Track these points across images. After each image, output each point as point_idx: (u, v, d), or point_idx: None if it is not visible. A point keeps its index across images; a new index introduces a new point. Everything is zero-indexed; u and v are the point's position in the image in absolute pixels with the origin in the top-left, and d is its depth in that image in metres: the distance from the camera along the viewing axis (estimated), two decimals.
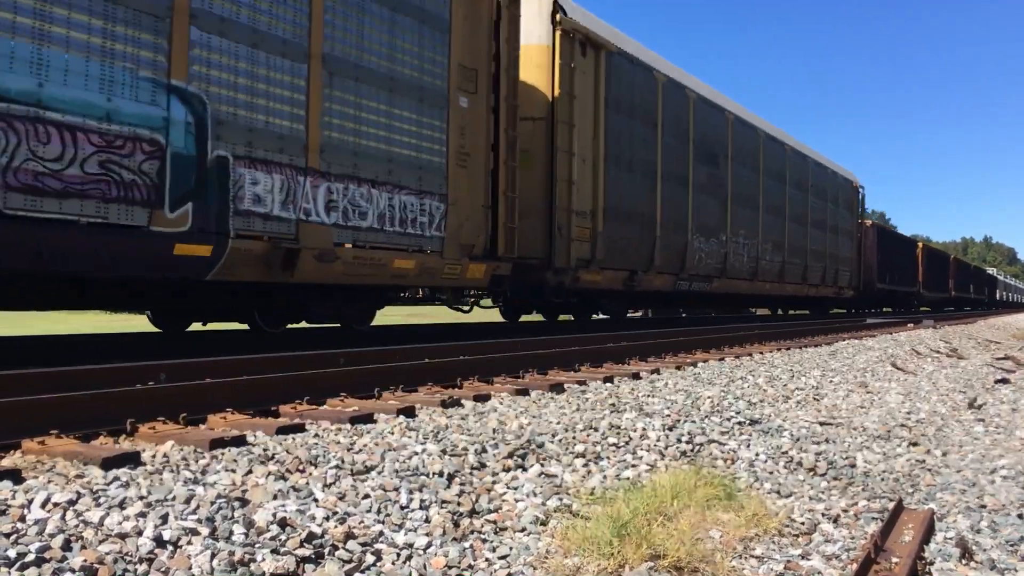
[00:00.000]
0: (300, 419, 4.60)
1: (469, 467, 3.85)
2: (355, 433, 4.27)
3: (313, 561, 2.75)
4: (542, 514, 3.47)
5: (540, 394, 6.08)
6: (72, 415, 3.99)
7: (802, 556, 3.31)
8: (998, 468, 5.13)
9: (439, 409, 5.17)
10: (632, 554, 3.02)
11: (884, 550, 3.26)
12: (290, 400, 5.05)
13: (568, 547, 3.13)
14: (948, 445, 6.15)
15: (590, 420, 5.05)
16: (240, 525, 2.86)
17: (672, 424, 5.31)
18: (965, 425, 7.11)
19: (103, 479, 3.15)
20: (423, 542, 3.04)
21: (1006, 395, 9.07)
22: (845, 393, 8.15)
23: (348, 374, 5.73)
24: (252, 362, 5.99)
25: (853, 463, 5.05)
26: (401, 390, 5.79)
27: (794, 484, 4.47)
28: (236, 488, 3.21)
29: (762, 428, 5.72)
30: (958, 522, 3.92)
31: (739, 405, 6.44)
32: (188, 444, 3.80)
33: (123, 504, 2.89)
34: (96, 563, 2.47)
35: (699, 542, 3.25)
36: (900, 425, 6.70)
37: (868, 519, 3.86)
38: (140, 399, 4.38)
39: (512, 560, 3.03)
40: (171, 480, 3.22)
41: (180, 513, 2.86)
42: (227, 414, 4.61)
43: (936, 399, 8.51)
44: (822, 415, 6.77)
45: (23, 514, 2.75)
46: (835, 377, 9.19)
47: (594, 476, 4.10)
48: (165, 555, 2.61)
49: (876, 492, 4.50)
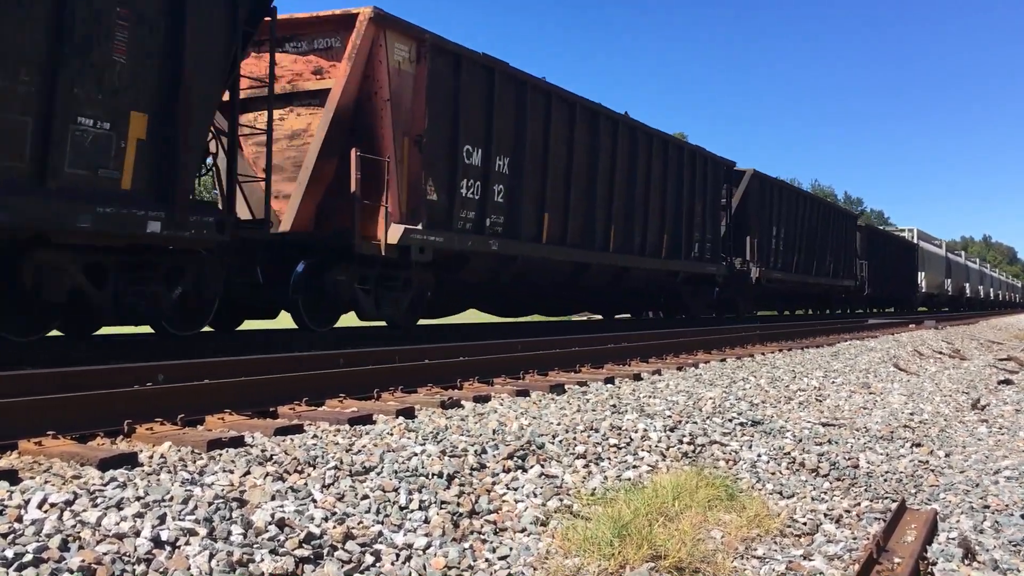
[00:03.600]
0: (298, 420, 4.58)
1: (469, 468, 3.83)
2: (354, 434, 4.24)
3: (312, 562, 2.73)
4: (542, 515, 3.46)
5: (540, 395, 6.06)
6: (69, 416, 3.96)
7: (804, 556, 3.29)
8: (1001, 469, 5.12)
9: (439, 410, 5.15)
10: (633, 554, 3.00)
11: (886, 550, 3.24)
12: (288, 401, 5.02)
13: (568, 548, 3.11)
14: (951, 446, 6.13)
15: (591, 421, 5.03)
16: (238, 526, 2.84)
17: (673, 425, 5.29)
18: (968, 426, 7.10)
19: (100, 480, 3.13)
20: (423, 543, 3.02)
21: (1009, 396, 9.06)
22: (848, 394, 8.12)
23: (347, 375, 5.70)
24: (250, 363, 5.97)
25: (856, 464, 5.03)
26: (400, 391, 5.76)
27: (796, 485, 4.45)
28: (234, 489, 3.19)
29: (764, 429, 5.70)
30: (961, 522, 3.90)
31: (741, 406, 6.42)
32: (186, 445, 3.78)
33: (120, 505, 2.87)
34: (94, 563, 2.46)
35: (700, 542, 3.23)
36: (903, 426, 6.68)
37: (871, 519, 3.85)
38: (138, 400, 4.36)
39: (512, 561, 3.01)
40: (168, 481, 3.20)
41: (178, 514, 2.84)
42: (225, 415, 4.59)
43: (939, 400, 8.49)
44: (824, 416, 6.75)
45: (20, 514, 2.73)
46: (837, 378, 9.17)
47: (595, 477, 4.08)
48: (163, 555, 2.60)
49: (879, 493, 4.48)
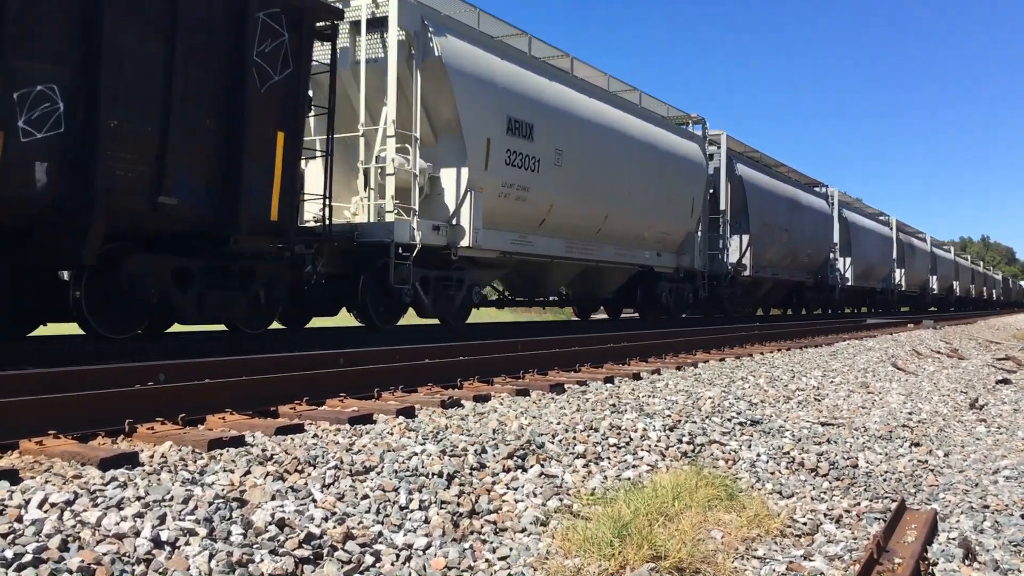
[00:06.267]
0: (299, 419, 4.58)
1: (469, 468, 3.83)
2: (354, 433, 4.24)
3: (312, 562, 2.74)
4: (542, 515, 3.46)
5: (540, 394, 6.06)
6: (70, 415, 3.96)
7: (804, 557, 3.29)
8: (1001, 468, 5.12)
9: (439, 409, 5.15)
10: (633, 555, 3.01)
11: (887, 550, 3.25)
12: (289, 400, 5.02)
13: (568, 548, 3.11)
14: (950, 445, 6.14)
15: (591, 420, 5.03)
16: (238, 526, 2.84)
17: (673, 424, 5.29)
18: (967, 425, 7.10)
19: (101, 480, 3.13)
20: (423, 543, 3.02)
21: (1007, 395, 9.07)
22: (846, 393, 8.13)
23: (347, 374, 5.70)
24: (251, 362, 5.97)
25: (855, 463, 5.03)
26: (400, 390, 5.76)
27: (796, 485, 4.45)
28: (234, 489, 3.19)
29: (763, 428, 5.70)
30: (961, 522, 3.91)
31: (740, 405, 6.42)
32: (186, 444, 3.78)
33: (121, 504, 2.87)
34: (94, 563, 2.46)
35: (700, 543, 3.23)
36: (902, 425, 6.68)
37: (871, 519, 3.85)
38: (138, 399, 4.36)
39: (512, 561, 3.01)
40: (169, 480, 3.20)
41: (178, 514, 2.84)
42: (226, 415, 4.59)
43: (938, 399, 8.49)
44: (823, 415, 6.75)
45: (20, 514, 2.73)
46: (836, 377, 9.18)
47: (595, 477, 4.08)
48: (163, 556, 2.60)
49: (878, 492, 4.49)
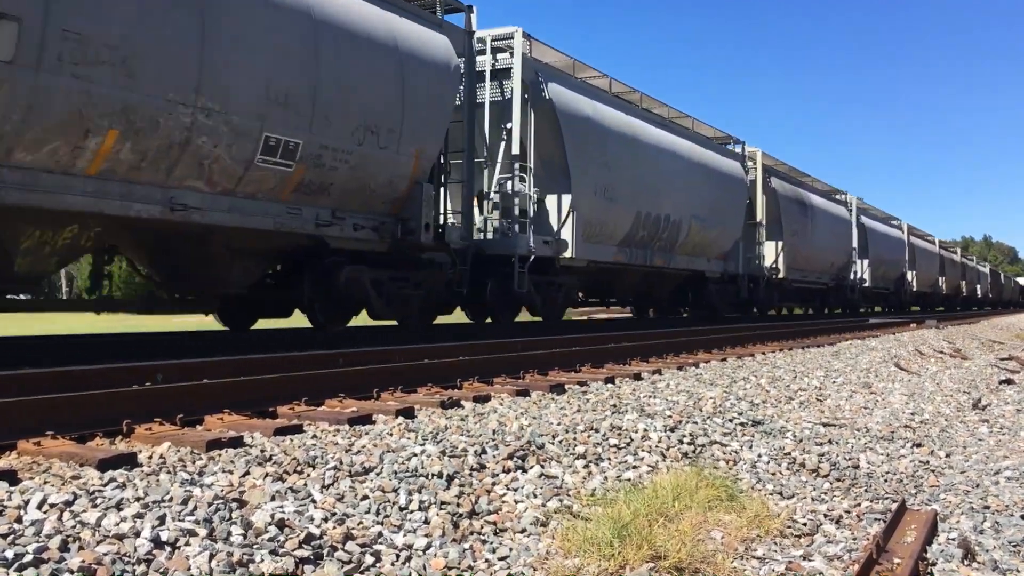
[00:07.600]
0: (298, 420, 4.58)
1: (469, 468, 3.82)
2: (353, 434, 4.24)
3: (312, 562, 2.73)
4: (542, 515, 3.45)
5: (540, 395, 6.05)
6: (68, 416, 3.96)
7: (804, 557, 3.28)
8: (1002, 469, 5.11)
9: (438, 410, 5.14)
10: (633, 555, 3.00)
11: (886, 551, 3.24)
12: (288, 401, 5.02)
13: (568, 548, 3.11)
14: (952, 446, 6.13)
15: (591, 421, 5.02)
16: (238, 526, 2.84)
17: (674, 425, 5.28)
18: (969, 426, 7.09)
19: (99, 480, 3.12)
20: (422, 543, 3.01)
21: (1010, 396, 9.05)
22: (848, 394, 8.11)
23: (347, 375, 5.69)
24: (250, 363, 5.96)
25: (856, 464, 5.02)
26: (400, 391, 5.76)
27: (796, 485, 4.44)
28: (234, 489, 3.18)
29: (765, 429, 5.69)
30: (961, 523, 3.90)
31: (741, 406, 6.41)
32: (185, 445, 3.78)
33: (120, 505, 2.86)
34: (94, 564, 2.45)
35: (700, 543, 3.23)
36: (904, 426, 6.67)
37: (871, 520, 3.84)
38: (137, 400, 4.35)
39: (512, 561, 3.00)
40: (168, 481, 3.20)
41: (177, 514, 2.84)
42: (224, 415, 4.58)
43: (940, 400, 8.48)
44: (825, 416, 6.74)
45: (20, 515, 2.73)
46: (838, 378, 9.16)
47: (595, 477, 4.08)
48: (163, 556, 2.59)
49: (879, 493, 4.48)
